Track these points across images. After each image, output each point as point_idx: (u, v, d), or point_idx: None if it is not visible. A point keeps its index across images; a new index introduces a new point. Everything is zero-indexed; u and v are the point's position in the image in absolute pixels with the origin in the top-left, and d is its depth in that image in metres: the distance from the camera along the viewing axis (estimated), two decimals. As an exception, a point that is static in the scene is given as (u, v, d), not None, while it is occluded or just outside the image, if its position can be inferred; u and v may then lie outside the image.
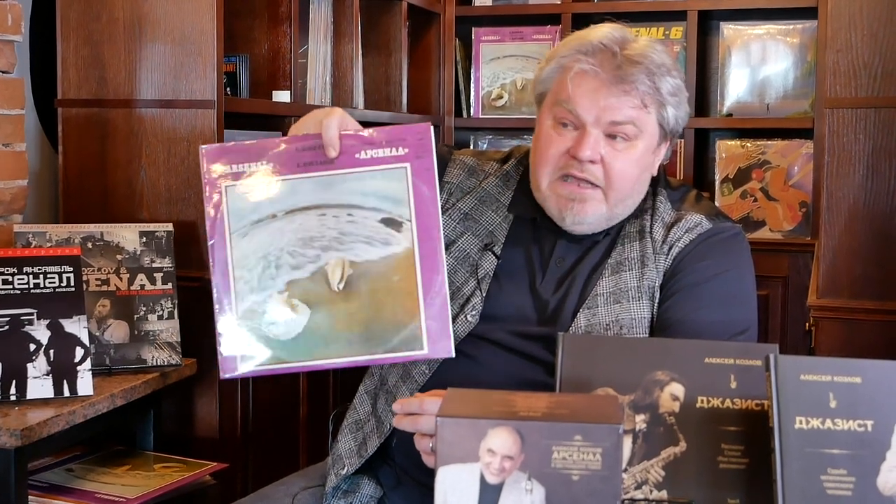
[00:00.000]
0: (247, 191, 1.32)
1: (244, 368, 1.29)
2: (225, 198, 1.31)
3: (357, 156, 1.35)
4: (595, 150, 1.56)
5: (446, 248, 1.52)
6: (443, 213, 1.56)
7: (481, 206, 1.70)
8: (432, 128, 1.37)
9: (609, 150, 1.57)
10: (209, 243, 1.31)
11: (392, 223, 1.36)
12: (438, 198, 1.36)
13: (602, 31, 1.60)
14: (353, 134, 1.36)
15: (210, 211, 1.31)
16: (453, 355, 1.35)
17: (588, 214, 1.59)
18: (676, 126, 1.62)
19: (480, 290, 1.62)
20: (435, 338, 1.34)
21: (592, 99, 1.56)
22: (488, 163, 1.76)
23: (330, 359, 1.33)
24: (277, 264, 1.32)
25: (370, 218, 1.35)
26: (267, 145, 1.35)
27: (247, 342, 1.29)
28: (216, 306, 1.31)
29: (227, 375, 1.30)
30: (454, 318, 1.54)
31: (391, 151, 1.35)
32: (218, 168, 1.32)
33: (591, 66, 1.56)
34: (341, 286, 1.34)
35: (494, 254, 1.65)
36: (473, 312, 1.60)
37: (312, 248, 1.33)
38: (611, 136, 1.57)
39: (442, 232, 1.37)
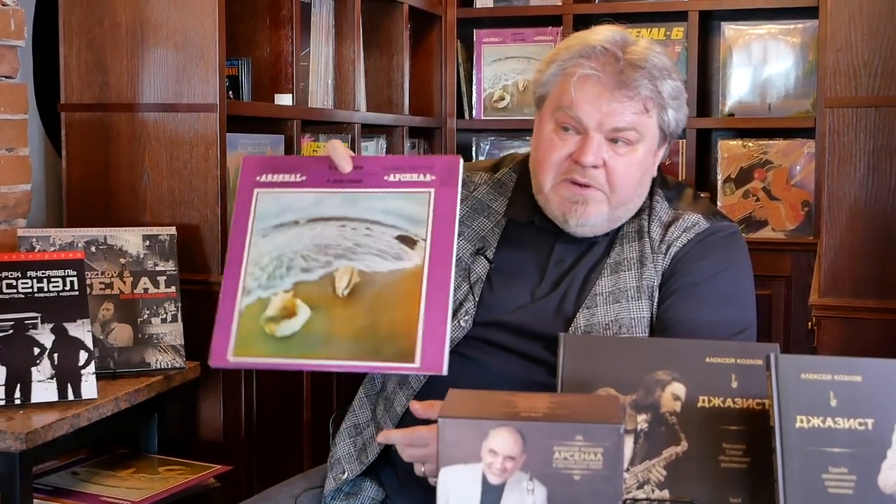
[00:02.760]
0: (277, 198, 1.40)
1: (235, 359, 1.31)
2: (254, 202, 1.38)
3: (385, 178, 1.42)
4: (598, 156, 1.56)
5: None
6: None
7: (473, 213, 1.70)
8: (462, 161, 1.43)
9: (611, 155, 1.57)
10: (230, 240, 1.37)
11: (407, 240, 1.41)
12: (456, 225, 1.40)
13: (603, 35, 1.60)
14: (383, 157, 1.43)
15: (238, 212, 1.38)
16: (445, 374, 1.33)
17: (591, 216, 1.59)
18: (677, 128, 1.63)
19: (473, 295, 1.62)
20: (428, 353, 1.33)
21: (595, 104, 1.55)
22: (477, 174, 1.76)
23: (322, 360, 1.34)
24: (289, 266, 1.37)
25: (387, 234, 1.41)
26: (304, 161, 1.44)
27: (243, 335, 1.32)
28: (221, 299, 1.34)
29: (217, 365, 1.31)
30: None
31: (418, 177, 1.43)
32: (254, 176, 1.39)
33: (593, 71, 1.55)
34: (346, 292, 1.37)
35: (487, 258, 1.65)
36: (466, 317, 1.60)
37: (325, 255, 1.38)
38: (612, 141, 1.57)
39: (454, 257, 1.39)
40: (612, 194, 1.58)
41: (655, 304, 1.58)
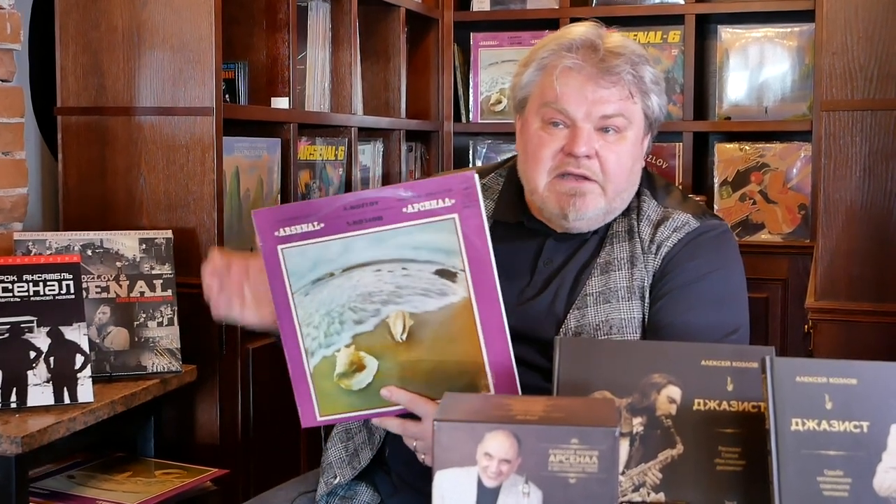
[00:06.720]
0: (303, 251, 1.36)
1: (323, 417, 1.37)
2: (282, 260, 1.35)
3: (404, 210, 1.35)
4: (589, 146, 1.56)
5: None
6: None
7: None
8: (477, 176, 1.34)
9: (602, 144, 1.57)
10: (274, 303, 1.36)
11: (446, 274, 1.37)
12: (490, 245, 1.34)
13: (579, 29, 1.61)
14: (398, 185, 1.37)
15: (270, 273, 1.36)
16: (520, 394, 1.35)
17: (589, 208, 1.58)
18: (660, 114, 1.63)
19: None
20: (500, 381, 1.35)
21: (581, 94, 1.56)
22: None
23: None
24: (341, 320, 1.36)
25: (424, 270, 1.36)
26: (317, 206, 1.37)
27: (322, 395, 1.36)
28: (289, 364, 1.36)
29: (309, 425, 1.36)
30: None
31: (437, 203, 1.35)
32: (271, 231, 1.35)
33: (575, 62, 1.56)
34: (404, 337, 1.37)
35: None
36: None
37: (372, 303, 1.37)
38: (602, 130, 1.57)
39: (497, 278, 1.35)
40: (607, 184, 1.57)
41: (647, 304, 1.57)
